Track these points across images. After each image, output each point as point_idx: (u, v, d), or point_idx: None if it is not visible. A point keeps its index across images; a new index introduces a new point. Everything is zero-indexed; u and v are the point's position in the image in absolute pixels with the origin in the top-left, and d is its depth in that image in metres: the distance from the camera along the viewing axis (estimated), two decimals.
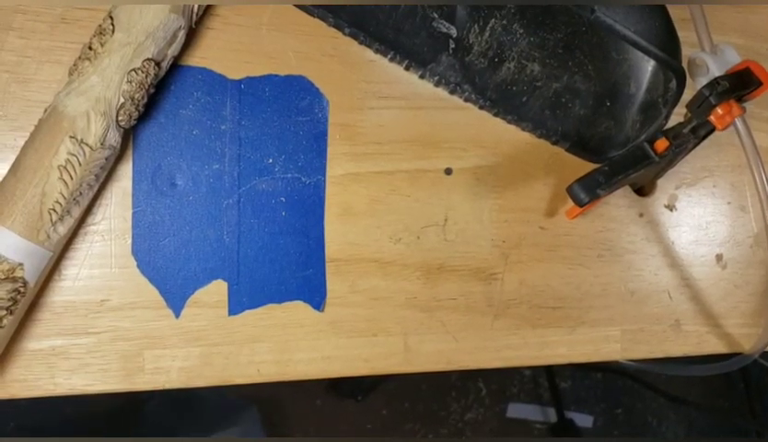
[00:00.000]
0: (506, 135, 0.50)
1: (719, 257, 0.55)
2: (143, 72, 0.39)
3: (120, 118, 0.39)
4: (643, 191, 0.54)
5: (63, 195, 0.38)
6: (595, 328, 0.52)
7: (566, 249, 0.52)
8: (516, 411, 1.52)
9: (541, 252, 0.51)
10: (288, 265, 0.46)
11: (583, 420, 1.54)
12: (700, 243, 0.55)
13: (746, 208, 0.56)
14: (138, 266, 0.44)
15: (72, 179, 0.38)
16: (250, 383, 0.46)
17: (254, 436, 1.13)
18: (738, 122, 0.45)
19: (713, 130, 0.45)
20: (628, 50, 0.47)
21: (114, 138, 0.39)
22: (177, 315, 0.45)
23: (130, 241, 0.44)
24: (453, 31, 0.47)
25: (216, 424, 1.12)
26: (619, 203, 0.53)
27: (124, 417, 1.18)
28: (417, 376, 1.40)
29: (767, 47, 0.55)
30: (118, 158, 0.43)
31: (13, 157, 0.38)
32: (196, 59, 0.45)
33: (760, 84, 0.44)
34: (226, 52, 0.45)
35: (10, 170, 0.38)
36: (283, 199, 0.46)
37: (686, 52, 0.45)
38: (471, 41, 0.47)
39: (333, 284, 0.47)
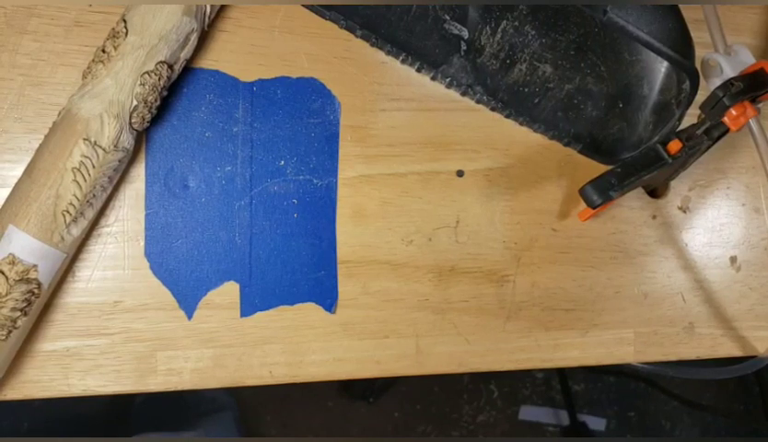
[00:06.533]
0: (518, 137, 0.50)
1: (733, 259, 0.55)
2: (156, 74, 0.39)
3: (133, 120, 0.39)
4: (656, 192, 0.54)
5: (76, 197, 0.38)
6: (608, 330, 0.52)
7: (579, 251, 0.51)
8: (528, 413, 1.52)
9: (554, 254, 0.51)
10: (300, 267, 0.46)
11: (596, 423, 1.54)
12: (714, 245, 0.54)
13: (760, 210, 0.55)
14: (151, 268, 0.44)
15: (85, 181, 0.38)
16: (261, 384, 0.46)
17: (228, 429, 1.14)
18: (753, 124, 0.45)
19: (726, 131, 0.45)
20: (641, 51, 0.47)
21: (127, 140, 0.40)
22: (189, 316, 0.45)
23: (143, 243, 0.44)
24: (465, 33, 0.47)
25: (195, 418, 1.13)
26: (632, 204, 0.53)
27: (116, 410, 1.20)
28: (429, 378, 1.40)
29: None
30: (131, 161, 0.43)
31: (28, 160, 0.39)
32: (209, 61, 0.45)
33: None
34: (239, 55, 0.45)
35: (25, 172, 0.38)
36: (294, 201, 0.46)
37: (699, 52, 0.44)
38: (482, 43, 0.47)
39: (345, 286, 0.47)
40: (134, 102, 0.39)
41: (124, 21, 0.39)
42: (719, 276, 0.54)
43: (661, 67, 0.48)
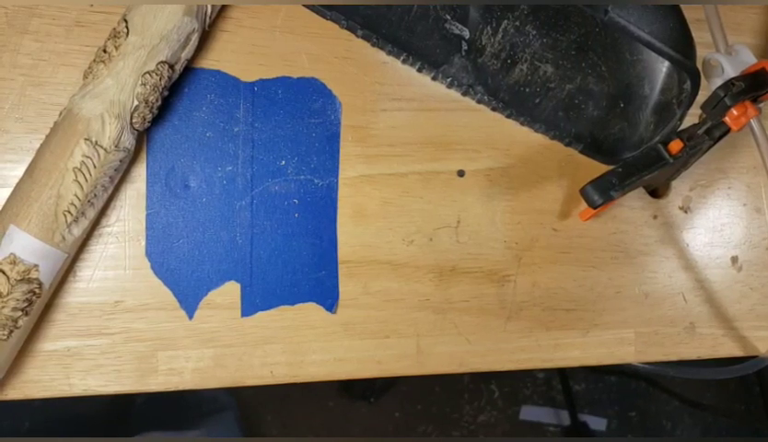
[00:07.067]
0: (519, 137, 0.50)
1: (734, 259, 0.55)
2: (157, 74, 0.39)
3: (134, 120, 0.39)
4: (657, 192, 0.54)
5: (77, 197, 0.38)
6: (609, 330, 0.52)
7: (580, 251, 0.51)
8: (529, 413, 1.52)
9: (555, 254, 0.51)
10: (301, 267, 0.46)
11: (597, 423, 1.54)
12: (715, 245, 0.54)
13: (762, 210, 0.55)
14: (152, 268, 0.44)
15: (86, 181, 0.38)
16: (262, 384, 0.46)
17: (230, 429, 1.15)
18: (754, 123, 0.45)
19: (728, 131, 0.45)
20: (642, 51, 0.47)
21: (128, 140, 0.40)
22: (190, 316, 0.45)
23: (144, 243, 0.44)
24: (466, 33, 0.47)
25: (197, 418, 1.13)
26: (633, 204, 0.53)
27: (117, 410, 1.20)
28: (430, 378, 1.40)
29: None
30: (132, 160, 0.43)
31: (29, 160, 0.39)
32: (210, 61, 0.45)
33: None
34: (240, 55, 0.45)
35: (26, 172, 0.38)
36: (295, 201, 0.46)
37: (701, 52, 0.44)
38: (483, 43, 0.47)
39: (346, 286, 0.47)
40: (135, 102, 0.39)
41: (125, 21, 0.39)
42: (720, 276, 0.54)
43: (662, 67, 0.48)
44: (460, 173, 0.49)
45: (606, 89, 0.49)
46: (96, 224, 0.43)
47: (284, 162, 0.46)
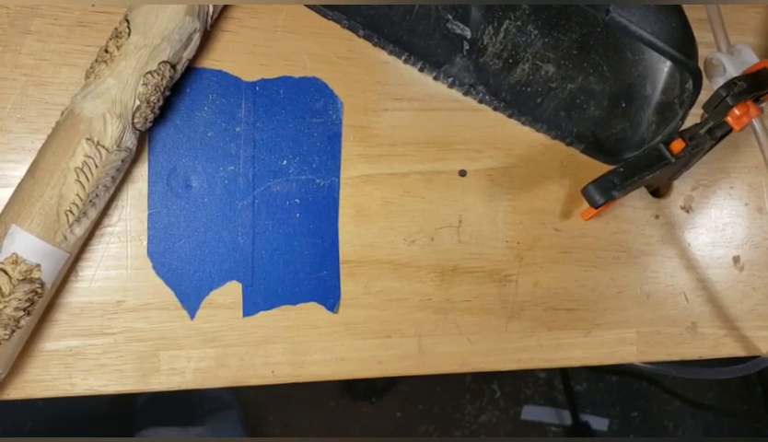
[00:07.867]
0: (521, 137, 0.50)
1: (736, 259, 0.55)
2: (158, 74, 0.39)
3: (135, 120, 0.39)
4: (659, 192, 0.54)
5: (79, 197, 0.38)
6: (610, 330, 0.52)
7: (581, 250, 0.51)
8: (530, 413, 1.52)
9: (556, 254, 0.51)
10: (302, 267, 0.46)
11: (598, 423, 1.53)
12: (717, 245, 0.54)
13: (763, 209, 0.55)
14: (154, 267, 0.44)
15: (88, 181, 0.38)
16: (264, 384, 0.46)
17: (233, 428, 1.14)
18: (756, 123, 0.45)
19: (730, 131, 0.45)
20: (644, 50, 0.47)
21: (130, 140, 0.40)
22: (192, 316, 0.45)
23: (145, 243, 0.44)
24: (467, 33, 0.47)
25: (199, 416, 1.13)
26: (634, 204, 0.52)
27: (120, 408, 1.20)
28: (431, 378, 1.40)
29: None
30: (134, 160, 0.43)
31: (31, 160, 0.39)
32: (211, 61, 0.45)
33: None
34: (241, 55, 0.45)
35: (28, 172, 0.38)
36: (297, 200, 0.46)
37: (703, 52, 0.44)
38: (485, 43, 0.47)
39: (347, 286, 0.47)
40: (137, 102, 0.39)
41: (127, 21, 0.39)
42: (722, 276, 0.54)
43: (664, 67, 0.48)
44: (462, 173, 0.49)
45: (608, 89, 0.49)
46: (98, 224, 0.43)
47: (285, 162, 0.46)
